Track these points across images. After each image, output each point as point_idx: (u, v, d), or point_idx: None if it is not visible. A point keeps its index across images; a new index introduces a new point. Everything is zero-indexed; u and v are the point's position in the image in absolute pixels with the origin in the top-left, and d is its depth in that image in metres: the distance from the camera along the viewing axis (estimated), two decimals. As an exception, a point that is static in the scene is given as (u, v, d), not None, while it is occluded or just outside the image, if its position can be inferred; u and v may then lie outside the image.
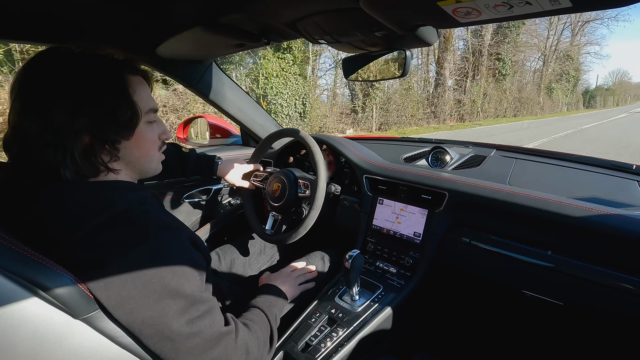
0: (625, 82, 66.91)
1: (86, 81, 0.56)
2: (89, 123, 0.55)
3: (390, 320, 0.93)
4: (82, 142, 0.55)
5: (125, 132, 0.60)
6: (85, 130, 0.55)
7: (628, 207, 0.87)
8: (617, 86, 60.72)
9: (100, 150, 0.58)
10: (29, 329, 0.45)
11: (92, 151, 0.57)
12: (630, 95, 66.81)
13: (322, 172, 1.02)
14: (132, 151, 0.62)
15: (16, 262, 0.46)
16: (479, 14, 0.55)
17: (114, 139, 0.59)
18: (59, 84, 0.54)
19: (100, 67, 0.58)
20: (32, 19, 0.82)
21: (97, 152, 0.57)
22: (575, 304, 0.85)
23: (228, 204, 1.65)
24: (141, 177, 0.68)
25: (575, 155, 1.20)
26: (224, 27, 0.87)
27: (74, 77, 0.55)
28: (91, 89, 0.56)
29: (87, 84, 0.56)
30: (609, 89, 57.66)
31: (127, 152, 0.62)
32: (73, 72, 0.55)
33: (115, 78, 0.59)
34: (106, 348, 0.51)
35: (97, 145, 0.57)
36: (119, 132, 0.59)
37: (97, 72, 0.57)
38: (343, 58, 0.97)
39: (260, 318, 0.76)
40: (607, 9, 0.50)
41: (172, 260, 0.55)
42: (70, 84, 0.55)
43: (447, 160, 1.21)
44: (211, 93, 1.37)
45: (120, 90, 0.59)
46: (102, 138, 0.57)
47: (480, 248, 0.96)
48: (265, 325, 0.75)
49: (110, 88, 0.57)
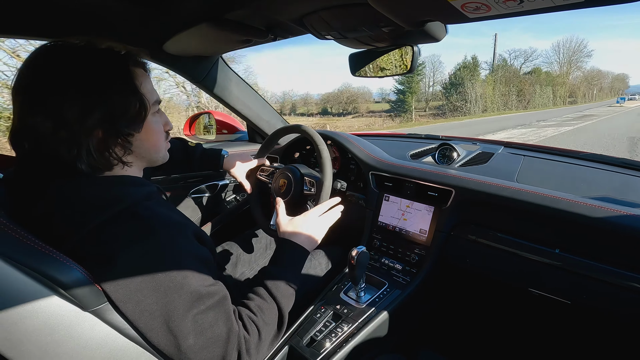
0: (594, 70, 57.96)
1: (95, 76, 0.56)
2: (102, 118, 0.56)
3: (395, 317, 0.93)
4: (95, 137, 0.56)
5: (137, 124, 0.61)
6: (98, 125, 0.56)
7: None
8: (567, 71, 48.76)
9: (114, 144, 0.59)
10: (39, 320, 0.46)
11: (106, 145, 0.57)
12: (600, 88, 58.95)
13: (328, 171, 1.01)
14: (143, 143, 0.63)
15: (28, 255, 0.46)
16: (488, 9, 0.55)
17: (126, 132, 0.59)
18: (68, 80, 0.54)
19: (107, 61, 0.58)
20: (39, 14, 0.83)
21: (110, 146, 0.58)
22: (583, 302, 0.84)
23: (234, 199, 1.66)
24: (150, 166, 0.69)
25: (585, 153, 1.18)
26: (230, 23, 0.87)
27: (83, 72, 0.55)
28: (101, 83, 0.56)
29: (97, 79, 0.56)
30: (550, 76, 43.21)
31: (139, 144, 0.63)
32: (81, 67, 0.56)
33: (123, 71, 0.59)
34: (114, 339, 0.52)
35: (110, 139, 0.58)
36: (130, 125, 0.60)
37: (105, 67, 0.57)
38: (350, 54, 0.96)
39: (265, 305, 0.70)
40: (618, 4, 0.49)
41: (178, 255, 0.56)
42: (80, 79, 0.55)
43: (454, 157, 1.20)
44: (218, 89, 1.37)
45: (129, 84, 0.59)
46: (115, 132, 0.58)
47: (486, 245, 0.96)
48: (274, 311, 0.70)
49: (119, 82, 0.58)
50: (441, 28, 0.75)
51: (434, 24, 0.71)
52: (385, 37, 0.81)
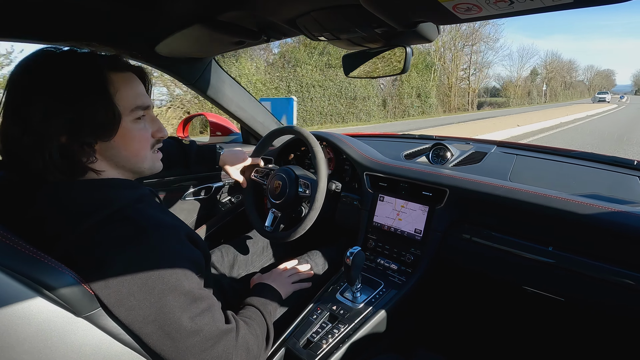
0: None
1: (63, 82, 0.55)
2: (65, 124, 0.54)
3: (391, 317, 0.93)
4: (59, 143, 0.54)
5: (104, 133, 0.57)
6: (61, 131, 0.54)
7: (629, 203, 0.87)
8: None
9: (78, 151, 0.56)
10: (32, 326, 0.45)
11: (69, 152, 0.55)
12: (568, 84, 48.22)
13: (323, 172, 1.01)
14: (120, 151, 0.60)
15: (19, 261, 0.46)
16: (479, 10, 0.55)
17: (89, 140, 0.57)
18: (36, 85, 0.54)
19: (79, 67, 0.56)
20: (29, 17, 0.82)
21: (74, 152, 0.56)
22: (576, 299, 0.85)
23: (229, 201, 1.65)
24: (137, 177, 0.66)
25: (576, 151, 1.20)
26: (223, 24, 0.87)
27: (52, 78, 0.55)
28: (68, 89, 0.54)
29: (64, 85, 0.54)
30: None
31: (114, 153, 0.60)
32: (52, 73, 0.55)
33: (94, 77, 0.56)
34: (109, 345, 0.52)
35: (73, 145, 0.56)
36: (96, 133, 0.57)
37: (76, 72, 0.56)
38: (343, 55, 0.97)
39: (256, 315, 0.77)
40: (607, 4, 0.50)
41: (170, 257, 0.55)
42: (48, 84, 0.54)
43: (447, 156, 1.21)
44: (211, 91, 1.36)
45: (98, 90, 0.56)
46: (79, 139, 0.56)
47: (480, 244, 0.96)
48: (262, 323, 0.76)
49: (87, 88, 0.56)
50: (433, 29, 0.75)
51: (426, 24, 0.72)
52: (378, 38, 0.81)
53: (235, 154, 1.22)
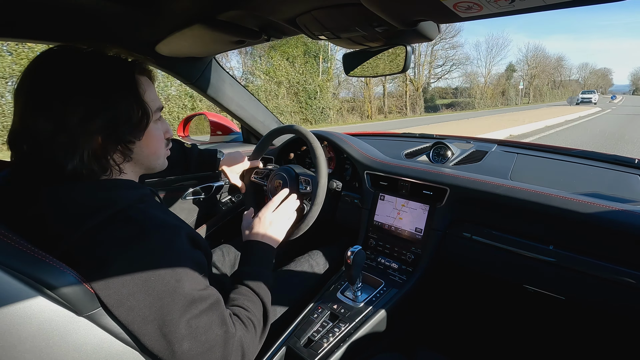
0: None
1: (101, 82, 0.56)
2: (104, 124, 0.56)
3: (392, 316, 0.93)
4: (95, 142, 0.56)
5: (138, 132, 0.61)
6: (99, 131, 0.56)
7: (630, 202, 0.86)
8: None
9: (113, 151, 0.59)
10: (33, 326, 0.45)
11: (103, 152, 0.57)
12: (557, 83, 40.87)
13: (323, 169, 1.01)
14: (143, 150, 0.64)
15: (21, 260, 0.46)
16: (480, 9, 0.55)
17: (127, 140, 0.60)
18: (73, 85, 0.54)
19: (113, 68, 0.59)
20: (29, 17, 0.82)
21: (109, 152, 0.58)
22: (577, 298, 0.85)
23: (229, 200, 1.65)
24: (147, 173, 0.69)
25: (577, 150, 1.20)
26: (223, 24, 0.87)
27: (89, 77, 0.56)
28: (106, 90, 0.56)
29: (102, 86, 0.56)
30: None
31: (138, 151, 0.63)
32: (87, 73, 0.56)
33: (128, 79, 0.60)
34: (110, 345, 0.52)
35: (109, 146, 0.58)
36: (132, 133, 0.60)
37: (111, 73, 0.58)
38: (343, 54, 0.97)
39: (253, 299, 0.72)
40: (608, 2, 0.50)
41: (171, 258, 0.55)
42: (85, 85, 0.55)
43: (448, 155, 1.21)
44: (211, 90, 1.36)
45: (133, 91, 0.60)
46: (116, 139, 0.58)
47: (481, 243, 0.96)
48: (259, 306, 0.71)
49: (124, 89, 0.58)
50: (434, 27, 0.75)
51: (426, 23, 0.72)
52: (379, 36, 0.81)
53: (234, 158, 1.22)
